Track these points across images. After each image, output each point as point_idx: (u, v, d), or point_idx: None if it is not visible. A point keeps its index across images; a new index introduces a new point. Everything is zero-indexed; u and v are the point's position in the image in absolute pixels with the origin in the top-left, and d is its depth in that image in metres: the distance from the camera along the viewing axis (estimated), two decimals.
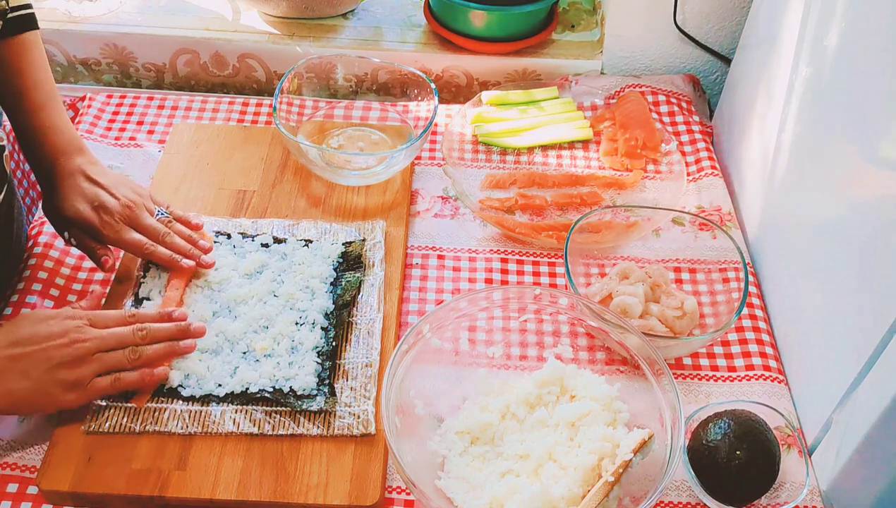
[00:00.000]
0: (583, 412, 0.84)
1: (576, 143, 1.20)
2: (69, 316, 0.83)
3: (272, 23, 1.34)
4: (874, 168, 0.79)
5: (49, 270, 0.99)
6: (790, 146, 0.97)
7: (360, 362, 0.90)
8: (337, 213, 1.06)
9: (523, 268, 1.04)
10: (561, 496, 0.77)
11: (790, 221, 0.97)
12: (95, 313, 0.86)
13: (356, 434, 0.84)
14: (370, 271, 0.99)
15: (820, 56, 0.91)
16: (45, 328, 0.81)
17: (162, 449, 0.83)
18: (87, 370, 0.81)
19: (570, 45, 1.34)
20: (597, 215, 1.02)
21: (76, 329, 0.82)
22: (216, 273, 0.96)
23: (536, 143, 1.19)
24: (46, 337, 0.80)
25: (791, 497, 0.83)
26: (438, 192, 1.13)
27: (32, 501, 0.82)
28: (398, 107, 1.19)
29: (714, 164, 1.17)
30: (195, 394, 0.86)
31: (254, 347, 0.89)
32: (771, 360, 0.95)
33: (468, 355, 0.92)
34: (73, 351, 0.81)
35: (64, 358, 0.80)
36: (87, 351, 0.81)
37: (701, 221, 1.02)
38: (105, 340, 0.83)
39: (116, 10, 1.34)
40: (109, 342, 0.83)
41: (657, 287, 0.98)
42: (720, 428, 0.83)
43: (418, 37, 1.35)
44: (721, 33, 1.29)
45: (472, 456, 0.84)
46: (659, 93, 1.26)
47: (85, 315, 0.85)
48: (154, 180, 1.09)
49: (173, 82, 1.37)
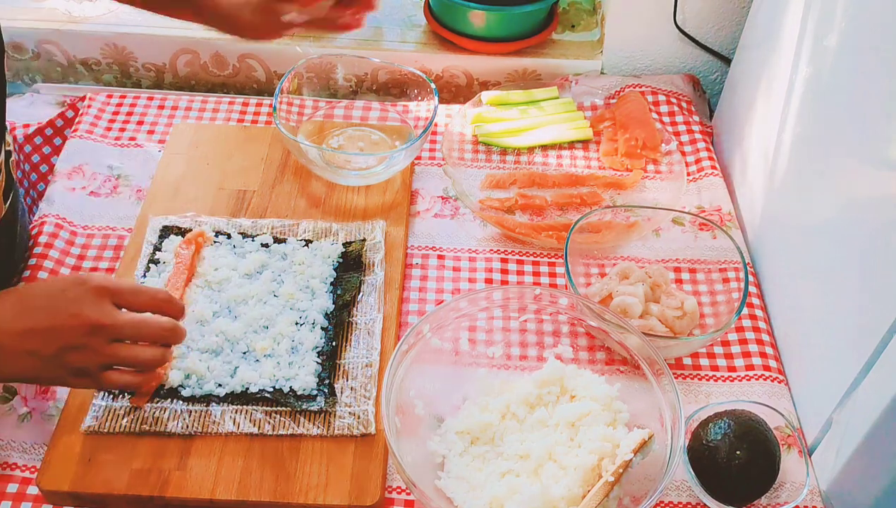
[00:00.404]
0: (583, 412, 0.84)
1: (576, 143, 1.20)
2: (91, 289, 0.73)
3: None
4: (874, 168, 0.79)
5: (49, 270, 0.99)
6: (790, 146, 0.97)
7: (360, 362, 0.90)
8: (337, 213, 1.06)
9: (523, 268, 1.04)
10: (561, 496, 0.77)
11: (790, 221, 0.97)
12: (122, 286, 0.75)
13: (356, 434, 0.84)
14: (370, 271, 0.99)
15: (820, 56, 0.91)
16: (61, 301, 0.73)
17: (162, 449, 0.83)
18: (97, 360, 0.74)
19: (570, 45, 1.34)
20: (597, 215, 1.02)
21: (94, 306, 0.73)
22: (216, 273, 0.96)
23: (536, 143, 1.19)
24: (60, 314, 0.72)
25: (791, 497, 0.83)
26: (438, 192, 1.13)
27: (32, 501, 0.82)
28: (398, 107, 1.19)
29: (714, 164, 1.17)
30: (195, 394, 0.86)
31: (254, 347, 0.89)
32: (771, 360, 0.95)
33: (468, 355, 0.92)
34: (85, 337, 0.73)
35: (74, 341, 0.73)
36: (100, 337, 0.73)
37: (701, 221, 1.02)
38: (122, 330, 0.75)
39: (116, 10, 1.34)
40: (126, 331, 0.75)
41: (657, 287, 0.98)
42: (720, 428, 0.83)
43: (418, 37, 1.35)
44: (721, 33, 1.29)
45: (472, 456, 0.84)
46: (659, 93, 1.26)
47: (108, 287, 0.74)
48: (154, 180, 1.09)
49: (173, 82, 1.37)
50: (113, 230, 1.05)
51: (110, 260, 1.02)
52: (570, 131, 1.20)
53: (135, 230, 1.02)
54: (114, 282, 0.76)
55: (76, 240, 1.04)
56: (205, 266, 0.97)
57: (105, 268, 1.01)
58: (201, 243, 0.99)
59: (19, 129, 1.19)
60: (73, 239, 1.03)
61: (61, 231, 1.03)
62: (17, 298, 0.74)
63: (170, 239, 0.99)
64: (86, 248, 1.03)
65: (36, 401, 0.89)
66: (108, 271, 1.00)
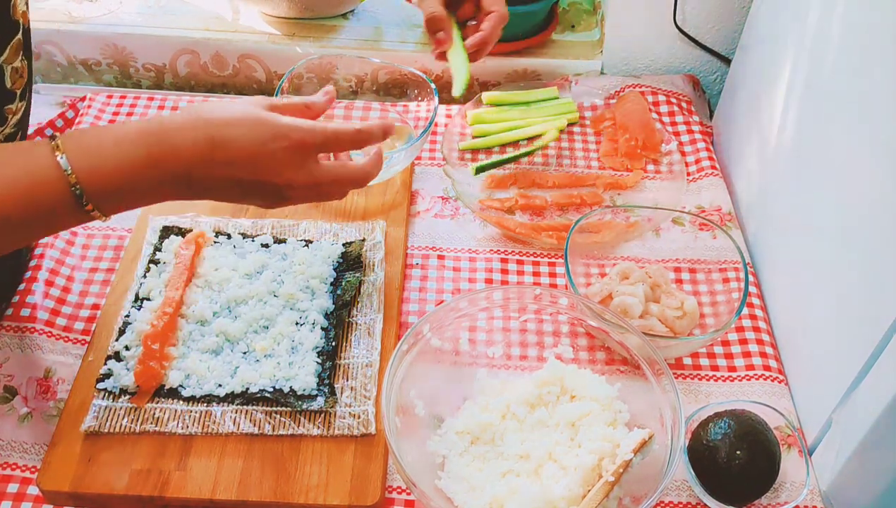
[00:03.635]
0: (583, 412, 0.84)
1: (576, 143, 1.20)
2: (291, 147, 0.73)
3: (272, 23, 1.34)
4: (874, 168, 0.79)
5: (49, 270, 0.99)
6: (790, 146, 0.97)
7: (360, 362, 0.90)
8: (337, 213, 1.06)
9: (523, 268, 1.04)
10: (561, 496, 0.77)
11: (790, 221, 0.97)
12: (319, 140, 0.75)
13: (356, 434, 0.84)
14: (370, 271, 0.99)
15: (820, 56, 0.91)
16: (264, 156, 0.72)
17: (162, 450, 0.83)
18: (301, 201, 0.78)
19: (570, 45, 1.34)
20: (597, 215, 1.02)
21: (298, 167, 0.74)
22: (216, 273, 0.96)
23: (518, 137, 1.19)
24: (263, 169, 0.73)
25: (791, 497, 0.83)
26: (438, 192, 1.13)
27: (32, 501, 0.82)
28: (398, 108, 1.19)
29: (714, 164, 1.17)
30: (195, 394, 0.86)
31: (254, 347, 0.89)
32: (771, 360, 0.95)
33: (468, 355, 0.92)
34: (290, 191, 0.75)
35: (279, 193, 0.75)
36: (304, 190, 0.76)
37: (701, 221, 1.02)
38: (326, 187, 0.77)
39: (116, 10, 1.34)
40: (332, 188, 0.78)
41: (657, 287, 0.98)
42: (720, 428, 0.83)
43: (418, 37, 1.35)
44: (721, 33, 1.29)
45: (473, 456, 0.84)
46: (659, 93, 1.26)
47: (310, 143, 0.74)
48: None
49: (173, 83, 1.37)
50: (113, 230, 1.05)
51: (110, 260, 1.02)
52: (552, 124, 1.20)
53: (135, 230, 1.02)
54: (312, 137, 0.75)
55: (76, 240, 1.04)
56: (205, 266, 0.97)
57: (105, 269, 1.01)
58: (201, 243, 0.99)
59: None
60: (74, 239, 1.04)
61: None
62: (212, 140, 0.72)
63: (170, 239, 0.99)
64: (86, 248, 1.03)
65: (36, 401, 0.89)
66: (108, 271, 1.01)
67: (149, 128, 0.72)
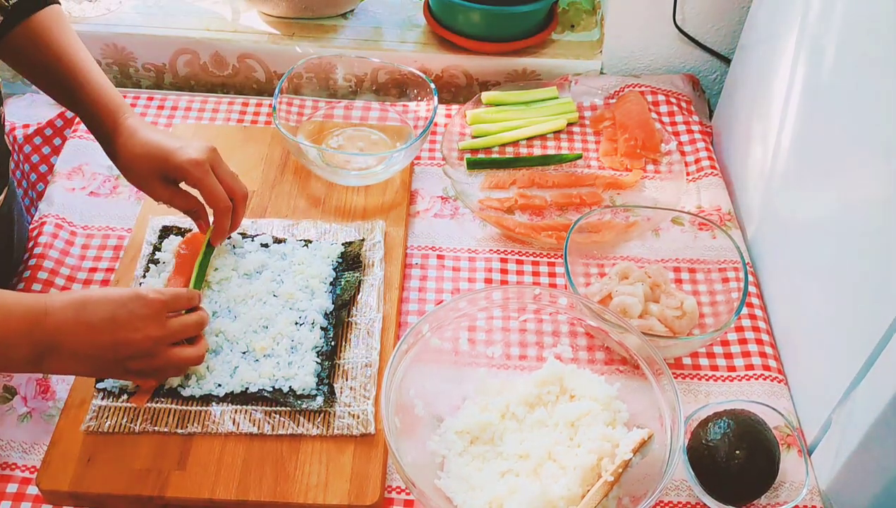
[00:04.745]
0: (582, 411, 0.84)
1: (575, 143, 1.20)
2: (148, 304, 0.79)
3: (272, 23, 1.34)
4: (874, 167, 0.79)
5: (49, 270, 0.99)
6: (790, 146, 0.97)
7: (359, 362, 0.90)
8: (336, 213, 1.06)
9: (523, 268, 1.04)
10: (560, 495, 0.77)
11: (790, 221, 0.97)
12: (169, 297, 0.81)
13: (356, 434, 0.84)
14: (370, 271, 0.99)
15: (820, 56, 0.91)
16: (123, 316, 0.77)
17: (162, 449, 0.83)
18: (155, 363, 0.80)
19: (569, 45, 1.34)
20: (596, 215, 1.02)
21: (154, 320, 0.79)
22: (216, 273, 0.96)
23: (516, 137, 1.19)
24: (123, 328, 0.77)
25: (791, 497, 0.83)
26: (438, 192, 1.13)
27: (32, 501, 0.82)
28: (398, 108, 1.20)
29: (714, 164, 1.17)
30: (195, 394, 0.86)
31: (253, 347, 0.89)
32: (770, 360, 0.95)
33: (468, 355, 0.92)
34: (147, 347, 0.79)
35: (137, 352, 0.78)
36: (160, 347, 0.80)
37: (700, 221, 1.02)
38: (175, 335, 0.82)
39: (116, 10, 1.34)
40: (179, 335, 0.82)
41: (657, 287, 0.98)
42: (720, 428, 0.83)
43: (418, 37, 1.35)
44: (721, 33, 1.29)
45: (472, 456, 0.84)
46: (659, 93, 1.26)
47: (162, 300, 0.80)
48: None
49: (173, 82, 1.37)
50: (113, 230, 1.05)
51: (110, 260, 1.02)
52: (548, 125, 1.20)
53: (134, 230, 1.02)
54: (164, 295, 0.81)
55: (76, 240, 1.04)
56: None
57: (105, 269, 1.01)
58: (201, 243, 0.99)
59: (19, 130, 1.19)
60: (73, 239, 1.04)
61: (61, 231, 1.03)
62: (78, 305, 0.77)
63: (169, 239, 0.99)
64: (86, 248, 1.03)
65: (36, 401, 0.89)
66: (107, 271, 1.00)
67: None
